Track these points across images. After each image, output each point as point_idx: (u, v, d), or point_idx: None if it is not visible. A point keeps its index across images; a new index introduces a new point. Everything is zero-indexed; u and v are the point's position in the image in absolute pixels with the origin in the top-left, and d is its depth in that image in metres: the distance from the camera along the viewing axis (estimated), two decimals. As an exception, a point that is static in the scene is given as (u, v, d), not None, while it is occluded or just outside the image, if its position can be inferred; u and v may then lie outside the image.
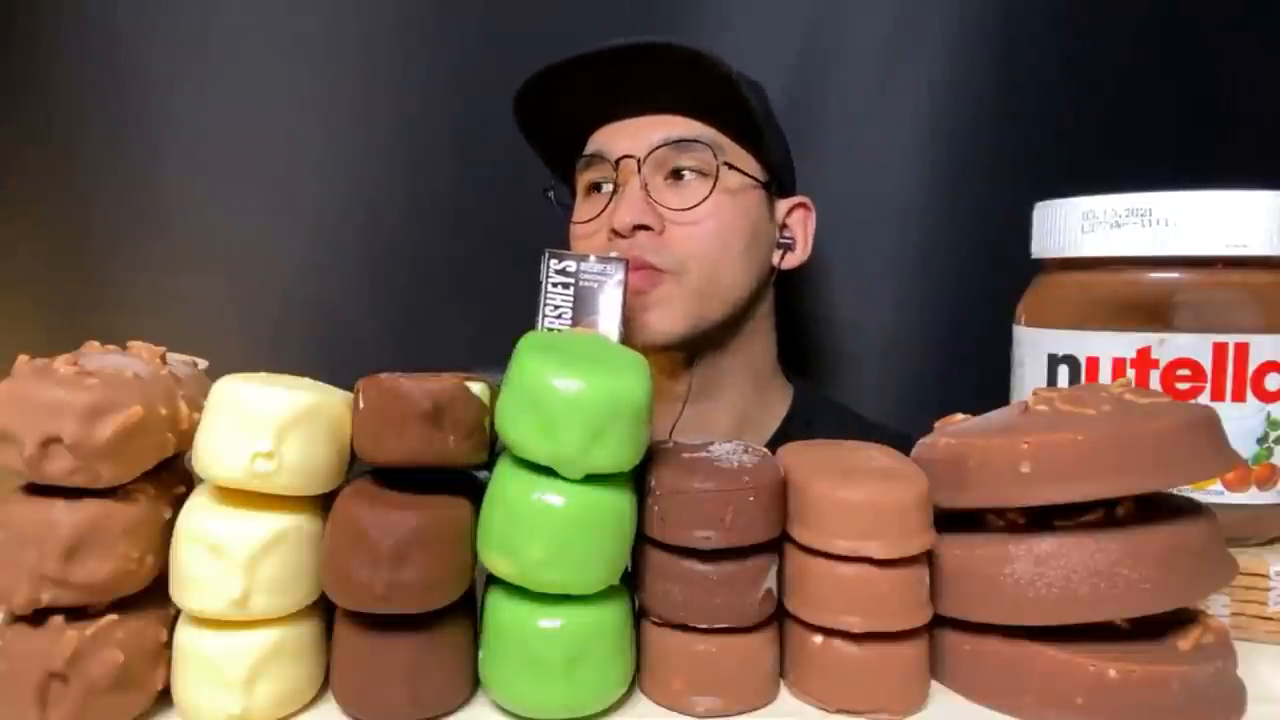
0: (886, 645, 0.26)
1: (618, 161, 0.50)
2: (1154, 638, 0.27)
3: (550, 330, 0.37)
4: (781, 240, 0.54)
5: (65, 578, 0.24)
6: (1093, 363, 0.36)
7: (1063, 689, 0.26)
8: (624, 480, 0.26)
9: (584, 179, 0.53)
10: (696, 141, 0.50)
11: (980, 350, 0.45)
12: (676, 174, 0.51)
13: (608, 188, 0.51)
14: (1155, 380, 0.34)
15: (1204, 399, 0.34)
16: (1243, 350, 0.33)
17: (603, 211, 0.51)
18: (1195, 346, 0.34)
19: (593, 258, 0.39)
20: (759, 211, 0.53)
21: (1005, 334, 0.40)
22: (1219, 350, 0.34)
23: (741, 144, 0.51)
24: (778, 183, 0.54)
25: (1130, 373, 0.35)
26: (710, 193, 0.50)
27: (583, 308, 0.38)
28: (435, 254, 0.65)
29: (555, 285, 0.38)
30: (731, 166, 0.50)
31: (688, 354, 0.53)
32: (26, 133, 0.66)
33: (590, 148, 0.52)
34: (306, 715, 0.27)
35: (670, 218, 0.50)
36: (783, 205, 0.55)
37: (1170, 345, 0.34)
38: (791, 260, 0.55)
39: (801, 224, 0.56)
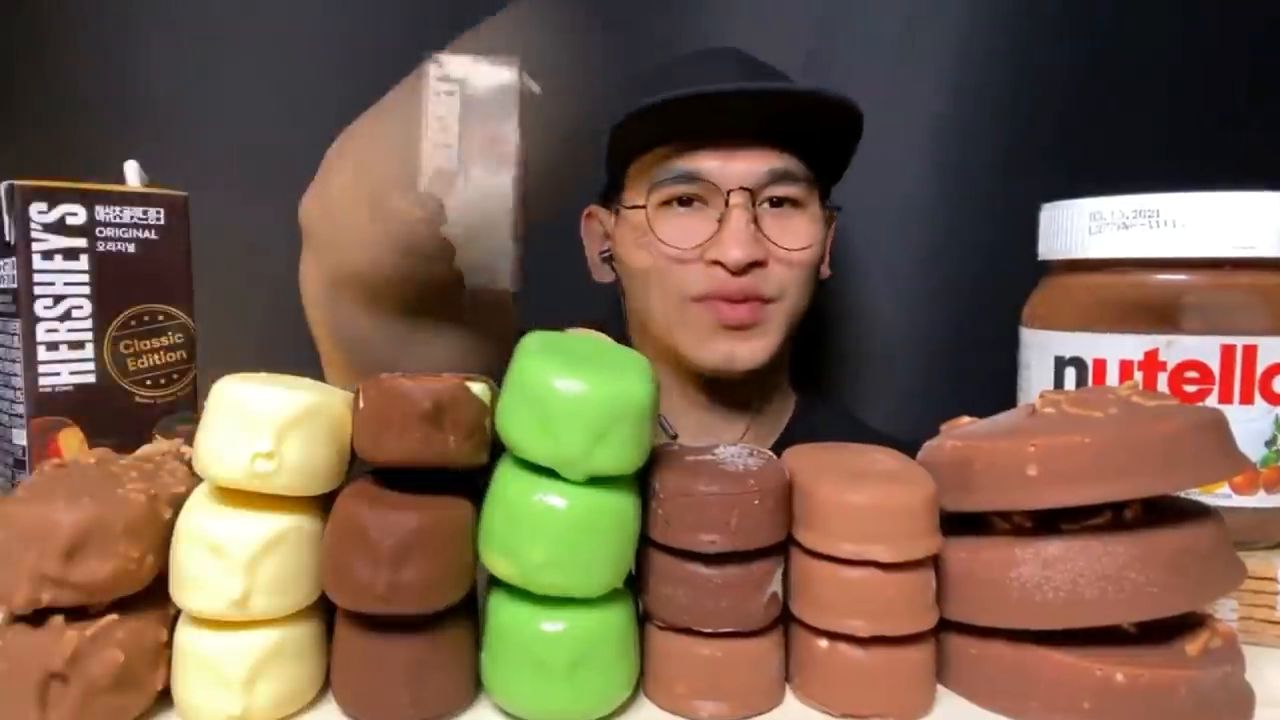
0: (892, 650, 0.26)
1: (728, 191, 0.50)
2: (1161, 642, 0.27)
3: (438, 148, 0.31)
4: None
5: (65, 578, 0.24)
6: (1100, 365, 0.36)
7: (1069, 694, 0.26)
8: (627, 482, 0.26)
9: (672, 193, 0.52)
10: (798, 176, 0.52)
11: (987, 352, 0.45)
12: (775, 203, 0.52)
13: (704, 210, 0.52)
14: (1163, 382, 0.34)
15: (1212, 401, 0.34)
16: (1251, 352, 0.34)
17: (710, 240, 0.51)
18: (1203, 348, 0.34)
19: (485, 60, 0.32)
20: (828, 235, 0.55)
21: (1012, 336, 0.40)
22: (1227, 352, 0.34)
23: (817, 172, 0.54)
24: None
25: (1138, 375, 0.35)
26: (810, 227, 0.52)
27: (471, 118, 0.31)
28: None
29: (439, 95, 0.31)
30: (819, 198, 0.53)
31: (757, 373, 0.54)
32: (27, 134, 0.67)
33: (690, 166, 0.52)
34: (306, 716, 0.27)
35: (777, 255, 0.51)
36: None
37: (1178, 347, 0.34)
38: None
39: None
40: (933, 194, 0.67)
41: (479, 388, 0.27)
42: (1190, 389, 0.34)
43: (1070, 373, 0.37)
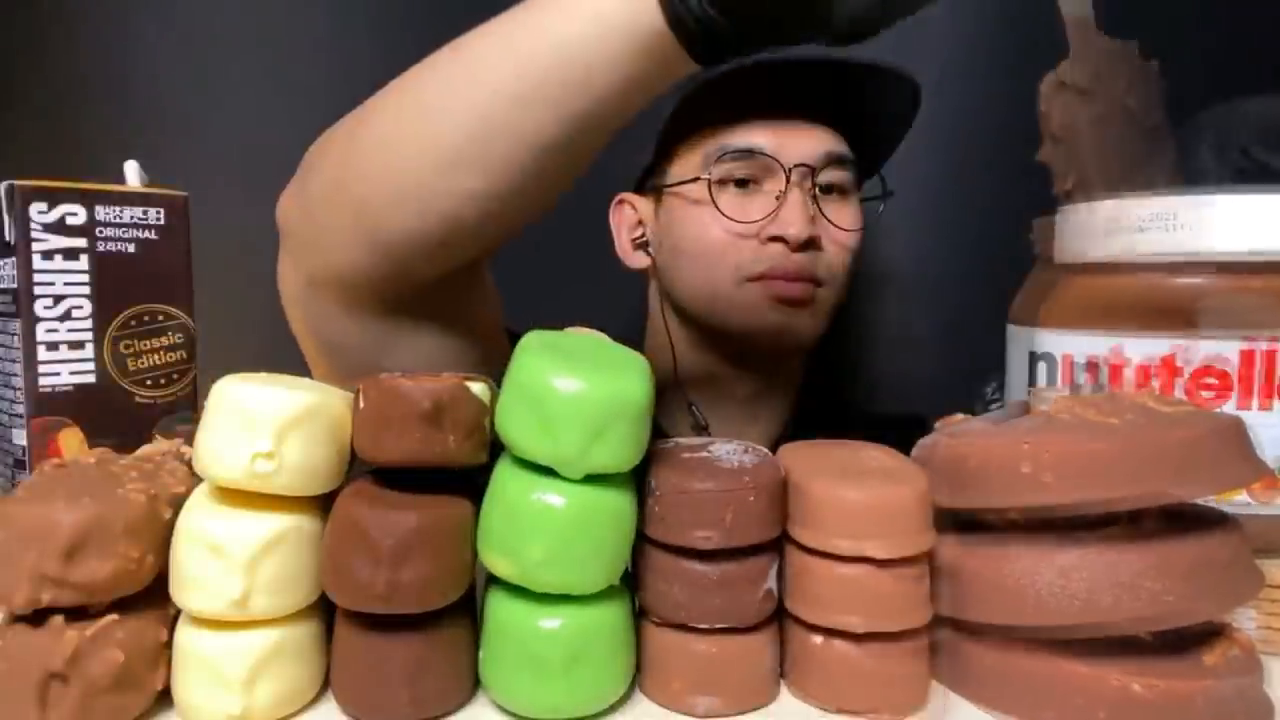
0: (887, 645, 0.27)
1: (790, 168, 0.51)
2: (1179, 652, 0.27)
3: None
4: None
5: (65, 578, 0.25)
6: (1116, 368, 0.36)
7: (1086, 703, 0.26)
8: (624, 480, 0.27)
9: (732, 169, 0.53)
10: (849, 159, 0.53)
11: (991, 353, 0.46)
12: (824, 189, 0.53)
13: (765, 186, 0.53)
14: (1181, 386, 0.35)
15: (1230, 405, 0.34)
16: (1271, 355, 0.34)
17: (769, 216, 0.52)
18: (1221, 351, 0.34)
19: None
20: None
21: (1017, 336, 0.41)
22: (1246, 355, 0.34)
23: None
24: None
25: (1155, 379, 0.35)
26: (858, 214, 0.54)
27: None
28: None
29: None
30: (860, 182, 0.54)
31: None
32: (27, 134, 0.68)
33: (750, 142, 0.52)
34: (306, 715, 0.28)
35: (831, 234, 0.53)
36: None
37: (1196, 350, 0.34)
38: None
39: None
40: (935, 193, 0.67)
41: (478, 387, 0.28)
42: (1208, 394, 0.34)
43: (1085, 376, 0.37)
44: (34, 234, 0.37)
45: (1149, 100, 0.34)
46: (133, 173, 0.41)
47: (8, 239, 0.37)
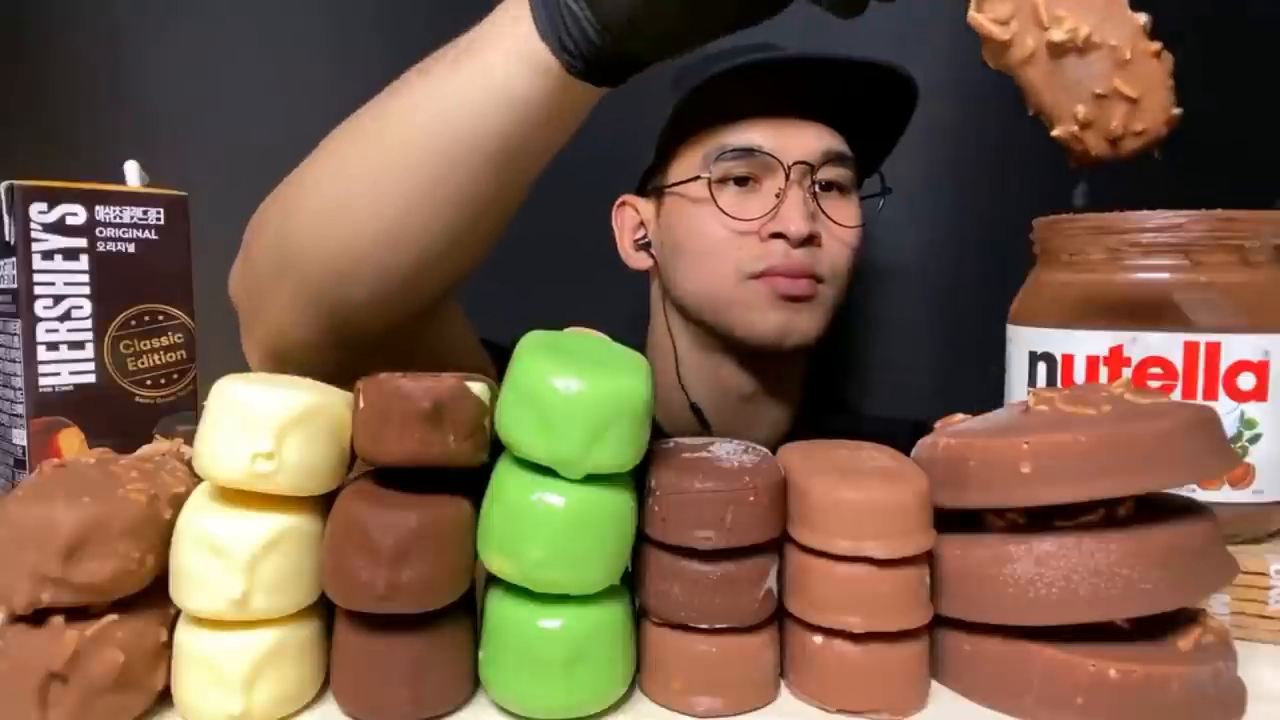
0: (887, 645, 0.26)
1: (789, 165, 0.50)
2: (1154, 637, 0.27)
3: None
4: None
5: (65, 578, 0.24)
6: (1068, 360, 0.35)
7: (1063, 689, 0.26)
8: (624, 480, 0.26)
9: (732, 168, 0.52)
10: (848, 157, 0.52)
11: (986, 351, 0.45)
12: (824, 186, 0.52)
13: (765, 185, 0.51)
14: (1126, 378, 0.34)
15: (1175, 398, 0.33)
16: (1214, 349, 0.33)
17: (769, 214, 0.50)
18: (1166, 345, 0.34)
19: None
20: None
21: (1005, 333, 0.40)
22: (1190, 349, 0.33)
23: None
24: None
25: (1103, 370, 0.34)
26: (857, 211, 0.53)
27: None
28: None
29: None
30: (859, 181, 0.53)
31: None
32: (27, 134, 0.66)
33: (750, 141, 0.51)
34: (306, 715, 0.27)
35: (832, 231, 0.51)
36: None
37: (1142, 344, 0.34)
38: None
39: None
40: (935, 193, 0.66)
41: (479, 387, 0.27)
42: (1154, 385, 0.34)
43: (1041, 368, 0.37)
44: (34, 234, 0.35)
45: (1080, 11, 0.32)
46: (133, 173, 0.40)
47: (8, 239, 0.36)
